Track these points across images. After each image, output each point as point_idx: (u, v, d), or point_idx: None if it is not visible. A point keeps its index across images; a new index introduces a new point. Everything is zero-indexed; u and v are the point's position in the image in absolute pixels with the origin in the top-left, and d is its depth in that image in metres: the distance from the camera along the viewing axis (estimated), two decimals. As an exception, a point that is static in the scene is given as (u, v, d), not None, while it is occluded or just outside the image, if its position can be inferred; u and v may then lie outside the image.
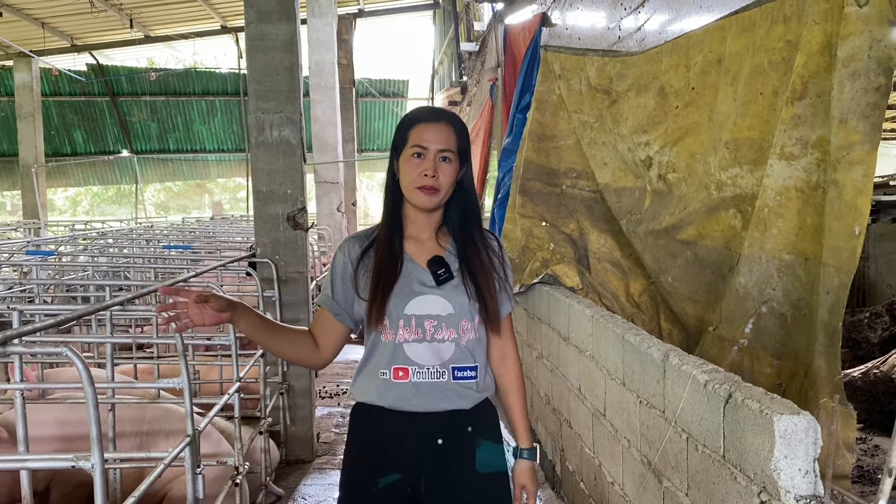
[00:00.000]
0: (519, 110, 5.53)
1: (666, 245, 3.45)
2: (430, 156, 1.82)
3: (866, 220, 1.96)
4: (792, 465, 1.79)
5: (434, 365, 1.85)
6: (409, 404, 1.84)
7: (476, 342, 1.90)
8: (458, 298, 1.86)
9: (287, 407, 4.31)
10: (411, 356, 1.84)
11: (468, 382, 1.88)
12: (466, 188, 1.93)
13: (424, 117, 1.88)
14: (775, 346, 2.60)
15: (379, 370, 1.86)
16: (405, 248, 1.90)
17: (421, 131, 1.84)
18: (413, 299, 1.85)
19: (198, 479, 2.23)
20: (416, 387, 1.84)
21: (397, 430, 1.86)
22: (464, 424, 1.89)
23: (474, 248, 1.91)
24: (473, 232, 1.93)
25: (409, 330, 1.84)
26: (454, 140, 1.85)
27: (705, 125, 3.02)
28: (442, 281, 1.86)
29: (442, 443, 1.86)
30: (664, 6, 3.38)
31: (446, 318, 1.85)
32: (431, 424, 1.86)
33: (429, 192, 1.82)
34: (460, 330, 1.86)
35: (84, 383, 1.45)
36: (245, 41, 4.30)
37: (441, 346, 1.85)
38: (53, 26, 12.65)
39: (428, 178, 1.81)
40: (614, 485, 3.10)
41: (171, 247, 5.51)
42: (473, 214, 1.94)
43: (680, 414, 2.37)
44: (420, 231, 1.92)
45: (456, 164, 1.86)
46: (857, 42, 1.99)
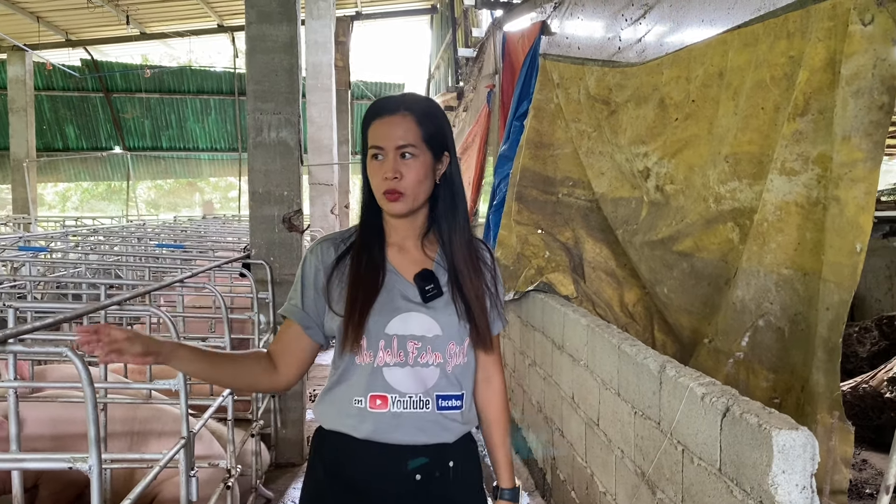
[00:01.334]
0: (516, 118, 5.55)
1: (662, 256, 3.46)
2: (388, 155, 1.57)
3: (868, 238, 1.97)
4: (790, 479, 1.79)
5: (417, 393, 1.60)
6: (386, 436, 1.59)
7: (464, 367, 1.67)
8: (446, 318, 1.62)
9: (278, 410, 4.30)
10: (391, 382, 1.59)
11: (453, 413, 1.65)
12: (453, 182, 1.67)
13: (379, 111, 1.62)
14: (771, 359, 2.61)
15: (353, 397, 1.60)
16: (388, 258, 1.66)
17: (376, 129, 1.60)
18: (396, 317, 1.60)
19: (192, 482, 2.22)
20: (395, 417, 1.59)
21: (371, 464, 1.61)
22: (445, 459, 1.66)
23: (464, 259, 1.66)
24: (462, 240, 1.68)
25: (389, 352, 1.59)
26: (415, 131, 1.58)
27: (705, 138, 3.03)
28: (430, 298, 1.62)
29: (420, 479, 1.63)
30: (665, 19, 3.40)
31: (432, 341, 1.61)
32: (410, 459, 1.62)
33: (392, 198, 1.58)
34: (447, 354, 1.63)
35: (84, 383, 1.43)
36: (245, 41, 4.29)
37: (425, 372, 1.61)
38: (49, 20, 12.59)
39: (388, 181, 1.56)
40: (606, 495, 3.10)
41: (163, 245, 5.48)
42: (460, 216, 1.69)
43: (676, 426, 2.37)
44: (403, 238, 1.68)
45: (424, 158, 1.59)
46: (862, 60, 2.00)
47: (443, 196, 1.66)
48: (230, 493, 2.93)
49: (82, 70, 15.41)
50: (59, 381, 3.34)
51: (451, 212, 1.67)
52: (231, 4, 12.85)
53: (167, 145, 16.91)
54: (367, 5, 13.87)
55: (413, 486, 1.62)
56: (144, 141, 16.87)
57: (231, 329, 2.98)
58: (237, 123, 16.27)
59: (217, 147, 16.96)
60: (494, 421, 1.79)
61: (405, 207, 1.60)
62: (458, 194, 1.69)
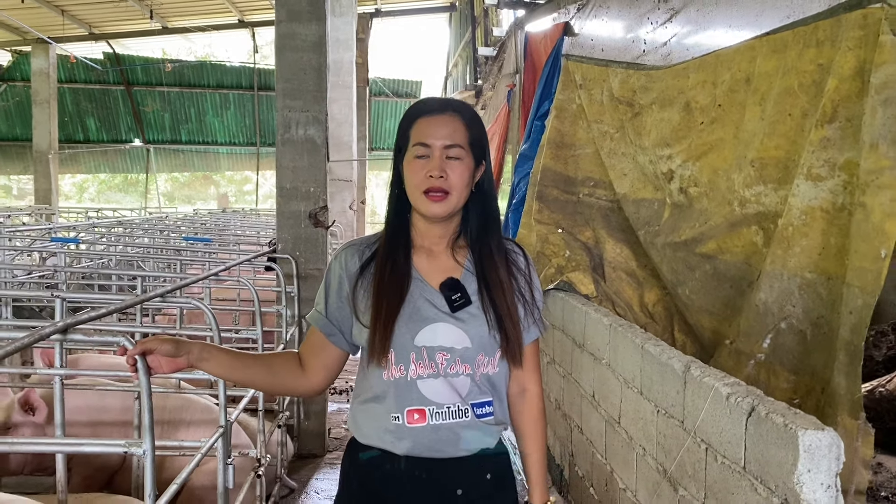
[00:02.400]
0: (538, 117, 5.59)
1: (685, 258, 3.51)
2: (435, 154, 1.54)
3: (893, 244, 2.02)
4: (815, 479, 1.84)
5: (455, 402, 1.56)
6: (427, 451, 1.55)
7: (495, 377, 1.62)
8: (476, 329, 1.57)
9: (301, 402, 4.38)
10: (427, 395, 1.55)
11: (488, 419, 1.60)
12: (486, 191, 1.64)
13: (427, 110, 1.59)
14: (793, 362, 2.65)
15: (389, 413, 1.55)
16: (414, 264, 1.61)
17: (423, 127, 1.57)
18: (425, 327, 1.55)
19: (228, 470, 2.29)
20: (435, 430, 1.55)
21: (411, 481, 1.57)
22: (483, 471, 1.61)
23: (493, 266, 1.61)
24: (493, 244, 1.63)
25: (422, 364, 1.54)
26: (463, 132, 1.57)
27: (730, 142, 3.07)
28: (458, 307, 1.57)
29: (461, 493, 1.59)
30: (692, 24, 3.44)
31: (462, 353, 1.56)
32: (451, 472, 1.58)
33: (436, 198, 1.54)
34: (476, 365, 1.58)
35: (140, 372, 1.51)
36: (275, 39, 4.36)
37: (457, 381, 1.56)
38: (73, 14, 12.76)
39: (434, 179, 1.53)
40: (627, 491, 3.15)
41: (191, 238, 5.58)
42: (494, 223, 1.65)
43: (700, 424, 2.42)
44: (432, 243, 1.63)
45: (469, 161, 1.57)
46: (891, 69, 2.05)
47: (476, 204, 1.62)
48: (259, 481, 3.01)
49: (104, 63, 15.60)
50: (91, 369, 3.43)
51: (483, 219, 1.63)
52: (252, 0, 12.96)
53: (186, 139, 17.09)
54: (386, 2, 13.96)
55: (455, 501, 1.58)
56: (164, 134, 17.05)
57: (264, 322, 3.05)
58: (255, 118, 16.41)
59: (235, 141, 17.11)
60: (529, 434, 1.72)
61: (446, 210, 1.55)
62: (490, 203, 1.65)
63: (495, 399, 1.63)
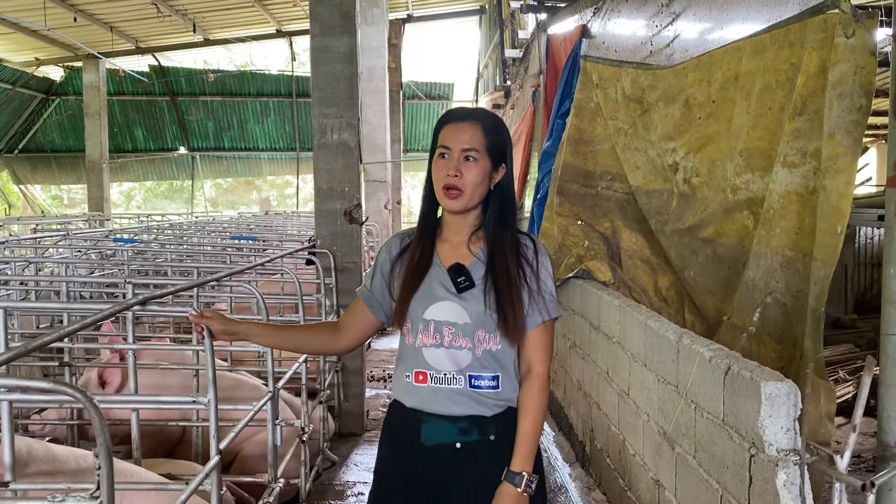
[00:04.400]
0: (559, 116, 5.88)
1: (689, 243, 3.79)
2: (453, 155, 1.79)
3: (846, 221, 2.30)
4: (775, 423, 2.14)
5: (451, 371, 1.81)
6: (427, 407, 1.83)
7: (499, 353, 1.84)
8: (475, 308, 1.81)
9: (341, 384, 4.76)
10: (430, 361, 1.82)
11: (487, 391, 1.83)
12: (504, 191, 1.87)
13: (451, 118, 1.86)
14: (778, 332, 2.93)
15: (404, 372, 1.86)
16: (438, 251, 1.88)
17: (447, 132, 1.82)
18: (433, 304, 1.83)
19: (277, 430, 2.65)
20: (434, 391, 1.82)
21: (417, 430, 1.84)
22: (486, 432, 1.83)
23: (502, 256, 1.83)
24: (505, 239, 1.85)
25: (427, 335, 1.82)
26: (480, 138, 1.80)
27: (724, 135, 3.35)
28: (462, 289, 1.82)
29: (460, 447, 1.82)
30: (690, 26, 3.72)
31: (463, 328, 1.81)
32: (451, 428, 1.82)
33: (452, 195, 1.79)
34: (476, 340, 1.81)
35: (206, 338, 1.87)
36: (310, 52, 4.74)
37: (458, 353, 1.81)
38: (121, 30, 13.41)
39: (450, 177, 1.78)
40: (635, 456, 3.45)
41: (238, 237, 6.02)
42: (507, 220, 1.87)
43: (690, 387, 2.73)
44: (454, 234, 1.89)
45: (484, 164, 1.80)
46: (845, 68, 2.33)
47: (494, 202, 1.85)
48: (304, 448, 3.38)
49: (150, 75, 16.30)
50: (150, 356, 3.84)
51: (499, 216, 1.86)
52: (288, 11, 13.45)
53: (229, 146, 17.71)
54: (417, 8, 14.34)
55: (453, 453, 1.82)
56: (208, 142, 17.70)
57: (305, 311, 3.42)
58: (295, 124, 16.94)
59: (276, 147, 17.67)
60: (524, 408, 1.86)
61: (460, 205, 1.80)
62: (507, 202, 1.87)
63: (503, 376, 1.84)
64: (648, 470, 3.24)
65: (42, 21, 10.88)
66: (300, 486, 3.46)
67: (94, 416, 1.29)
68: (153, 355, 3.85)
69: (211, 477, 1.95)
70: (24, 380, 1.22)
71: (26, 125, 17.04)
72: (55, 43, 13.36)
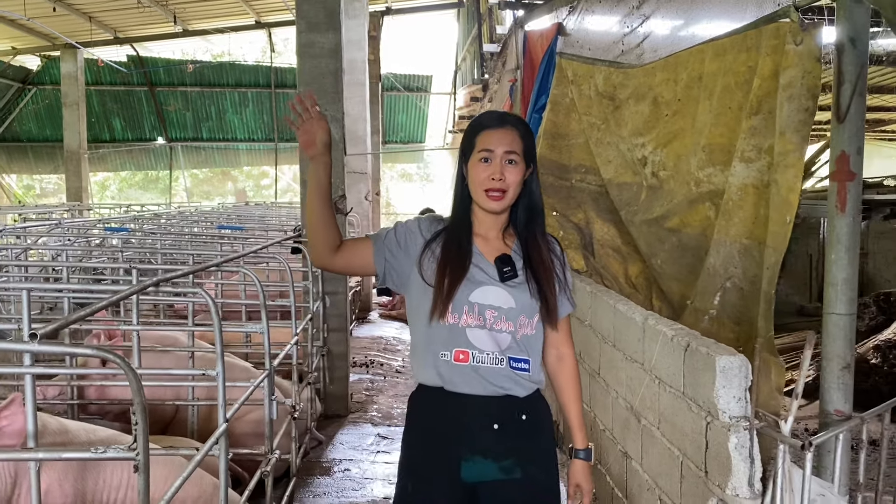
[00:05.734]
0: (535, 110, 6.10)
1: (656, 232, 4.02)
2: (496, 159, 1.89)
3: (795, 211, 2.54)
4: (728, 393, 2.38)
5: (493, 351, 1.90)
6: (468, 387, 1.89)
7: (532, 338, 1.95)
8: (520, 294, 1.92)
9: (326, 368, 4.95)
10: (473, 341, 1.89)
11: (522, 373, 1.93)
12: (532, 189, 1.99)
13: (490, 123, 1.96)
14: (736, 314, 3.18)
15: (440, 352, 1.91)
16: (475, 244, 1.97)
17: (487, 136, 1.92)
18: (478, 288, 1.91)
19: (272, 404, 2.85)
20: (475, 370, 1.89)
21: (456, 413, 1.90)
22: (518, 412, 1.93)
23: (537, 250, 1.96)
24: (538, 233, 1.98)
25: (472, 316, 1.89)
26: (519, 142, 1.92)
27: (689, 131, 3.58)
28: (507, 278, 1.92)
29: (497, 428, 1.90)
30: (659, 28, 3.95)
31: (507, 311, 1.91)
32: (488, 408, 1.90)
33: (496, 197, 1.89)
34: (517, 324, 1.92)
35: (212, 311, 2.05)
36: (296, 48, 4.91)
37: (499, 336, 1.91)
38: (99, 20, 13.37)
39: (495, 181, 1.88)
40: (605, 431, 3.70)
41: (225, 227, 6.17)
42: (538, 215, 2.00)
43: (654, 363, 2.97)
44: (487, 230, 1.99)
45: (522, 166, 1.92)
46: (794, 73, 2.56)
47: (524, 200, 1.98)
48: (294, 425, 3.58)
49: (128, 66, 16.25)
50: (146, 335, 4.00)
51: (529, 212, 1.99)
52: (268, 2, 13.52)
53: (207, 136, 17.72)
54: (397, 0, 14.47)
55: (491, 433, 1.89)
56: (186, 132, 17.69)
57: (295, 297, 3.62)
58: (273, 115, 17.00)
59: (254, 138, 17.71)
60: (566, 386, 2.08)
61: (503, 205, 1.93)
62: (536, 199, 2.00)
63: (532, 360, 1.95)
64: (617, 443, 3.48)
65: (21, 10, 10.87)
66: (290, 461, 3.65)
67: (130, 378, 1.47)
68: (148, 339, 4.02)
69: (220, 442, 2.14)
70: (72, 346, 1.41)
71: (2, 114, 16.91)
72: (33, 32, 13.31)
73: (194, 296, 2.43)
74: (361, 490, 3.89)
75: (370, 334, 7.99)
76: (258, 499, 3.11)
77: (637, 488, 3.18)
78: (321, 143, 1.89)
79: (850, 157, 2.34)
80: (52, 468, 2.42)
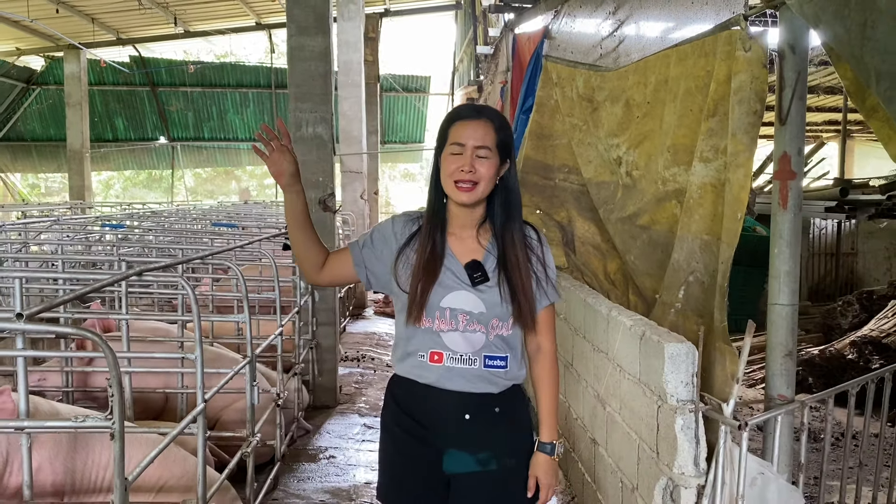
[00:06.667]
0: (522, 111, 6.25)
1: (630, 230, 4.17)
2: (467, 152, 1.87)
3: (745, 208, 2.69)
4: (676, 378, 2.54)
5: (467, 352, 1.92)
6: (441, 384, 1.94)
7: (509, 337, 1.96)
8: (491, 299, 1.92)
9: (315, 360, 5.12)
10: (447, 343, 1.93)
11: (498, 371, 1.95)
12: (509, 185, 1.96)
13: (464, 115, 1.94)
14: (698, 307, 3.32)
15: (417, 352, 1.95)
16: (448, 244, 1.97)
17: (459, 128, 1.90)
18: (449, 293, 1.92)
19: (254, 390, 3.01)
20: (449, 370, 1.93)
21: (431, 404, 1.96)
22: (491, 405, 1.96)
23: (512, 249, 1.94)
24: (514, 231, 1.95)
25: (444, 321, 1.92)
26: (492, 136, 1.89)
27: (657, 132, 3.73)
28: (477, 282, 1.93)
29: (469, 418, 1.94)
30: (631, 34, 4.11)
31: (478, 316, 1.92)
32: (460, 402, 1.94)
33: (465, 189, 1.88)
34: (489, 326, 1.93)
35: (191, 299, 2.21)
36: (287, 51, 5.07)
37: (473, 336, 1.93)
38: (102, 21, 13.58)
39: (464, 172, 1.86)
40: (577, 420, 3.85)
41: (219, 224, 6.35)
42: (515, 212, 1.97)
43: (616, 352, 3.12)
44: (462, 227, 1.98)
45: (494, 160, 1.89)
46: (743, 78, 2.71)
47: (500, 195, 1.95)
48: (279, 412, 3.74)
49: (131, 66, 16.46)
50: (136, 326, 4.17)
51: (505, 208, 1.96)
52: (268, 4, 13.69)
53: (209, 136, 17.93)
54: (395, 2, 14.64)
55: (464, 424, 1.94)
56: (188, 132, 17.90)
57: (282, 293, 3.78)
58: (274, 115, 17.19)
59: (255, 137, 17.89)
60: (540, 379, 2.06)
61: (472, 198, 1.90)
62: (512, 196, 1.97)
63: (511, 356, 1.97)
64: (587, 430, 3.64)
65: (25, 12, 11.06)
66: (275, 448, 3.82)
67: (107, 353, 1.63)
68: (140, 329, 4.19)
69: (198, 421, 2.30)
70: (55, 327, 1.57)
71: (7, 114, 17.15)
72: (37, 33, 13.51)
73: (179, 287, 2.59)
74: (345, 475, 4.05)
75: (364, 330, 8.17)
76: (242, 483, 3.27)
77: (602, 472, 3.33)
78: (289, 174, 1.94)
79: (791, 157, 2.49)
80: (43, 446, 2.58)
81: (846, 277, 10.33)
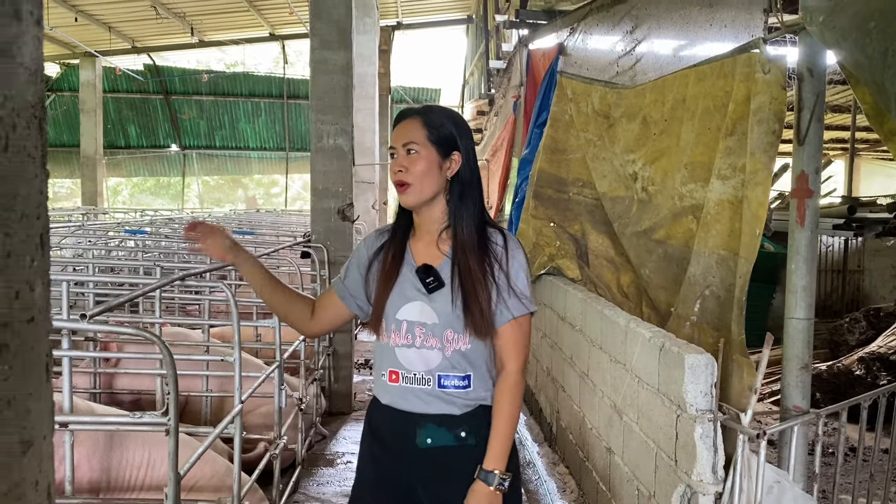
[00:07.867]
0: (536, 125, 6.36)
1: (645, 244, 4.27)
2: (399, 153, 1.82)
3: (763, 224, 2.78)
4: (696, 388, 2.62)
5: (421, 371, 1.80)
6: (399, 404, 1.83)
7: (469, 353, 1.81)
8: (442, 307, 1.79)
9: (332, 367, 5.21)
10: (401, 360, 1.81)
11: (456, 391, 1.81)
12: (463, 179, 1.85)
13: (398, 119, 1.89)
14: (714, 321, 3.41)
15: (380, 371, 1.86)
16: (412, 250, 1.88)
17: (393, 134, 1.88)
18: (406, 304, 1.81)
19: (282, 392, 3.10)
20: (405, 390, 1.82)
21: (391, 425, 1.85)
22: (456, 428, 1.81)
23: (464, 252, 1.80)
24: (472, 234, 1.82)
25: (399, 335, 1.81)
26: (421, 130, 1.81)
27: (674, 149, 3.83)
28: (432, 289, 1.80)
29: (431, 442, 1.81)
30: (649, 53, 4.21)
31: (432, 328, 1.79)
32: (422, 425, 1.81)
33: (401, 189, 1.81)
34: (444, 340, 1.79)
35: (231, 304, 2.31)
36: (310, 64, 5.19)
37: (429, 354, 1.80)
38: (118, 30, 13.79)
39: (396, 173, 1.81)
40: (592, 429, 3.93)
41: (238, 232, 6.45)
42: (468, 205, 1.84)
43: (634, 363, 3.21)
44: (425, 232, 1.88)
45: (427, 154, 1.80)
46: (762, 99, 2.81)
47: (453, 192, 1.84)
48: (301, 416, 3.83)
49: (145, 74, 16.68)
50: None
51: (459, 206, 1.83)
52: (281, 15, 13.87)
53: (220, 144, 18.13)
54: (407, 16, 14.82)
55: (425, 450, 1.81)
56: (199, 140, 18.11)
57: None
58: (285, 125, 17.37)
59: (266, 147, 18.10)
60: (497, 407, 1.82)
61: (412, 198, 1.81)
62: (466, 190, 1.84)
63: (474, 375, 1.82)
64: (602, 439, 3.72)
65: (45, 20, 11.21)
66: (297, 451, 3.90)
67: (164, 352, 1.73)
68: (166, 335, 4.29)
69: (235, 421, 2.39)
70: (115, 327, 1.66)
71: (20, 120, 17.28)
72: (54, 41, 13.72)
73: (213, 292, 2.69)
74: (362, 481, 4.13)
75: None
76: (266, 486, 3.36)
77: (618, 480, 3.41)
78: (225, 248, 1.90)
79: (808, 176, 2.59)
80: (82, 444, 2.67)
81: (853, 294, 10.40)
